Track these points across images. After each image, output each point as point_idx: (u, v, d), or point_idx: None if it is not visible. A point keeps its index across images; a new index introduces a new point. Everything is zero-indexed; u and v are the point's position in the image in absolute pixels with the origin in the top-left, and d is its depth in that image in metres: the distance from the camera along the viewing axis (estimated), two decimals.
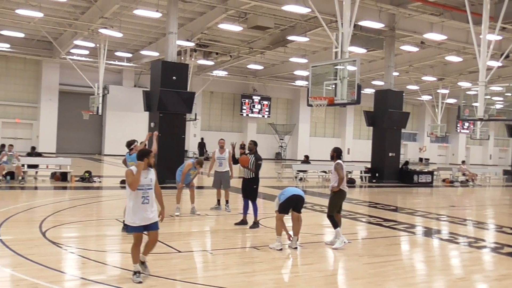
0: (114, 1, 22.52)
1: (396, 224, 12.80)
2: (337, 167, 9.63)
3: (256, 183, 11.32)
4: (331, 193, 9.84)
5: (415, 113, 55.03)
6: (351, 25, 15.06)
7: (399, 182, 25.91)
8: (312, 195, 18.89)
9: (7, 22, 28.18)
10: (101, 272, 7.47)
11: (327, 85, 14.74)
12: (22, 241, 8.97)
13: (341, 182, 9.60)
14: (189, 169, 12.40)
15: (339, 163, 9.69)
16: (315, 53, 33.82)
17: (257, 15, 23.93)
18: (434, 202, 20.28)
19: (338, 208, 9.90)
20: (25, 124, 38.18)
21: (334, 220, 9.61)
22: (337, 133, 51.73)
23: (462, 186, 26.89)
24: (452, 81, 39.46)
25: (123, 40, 31.94)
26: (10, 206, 12.93)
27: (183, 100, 20.72)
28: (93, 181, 19.47)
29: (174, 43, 20.76)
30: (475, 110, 18.35)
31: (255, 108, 46.21)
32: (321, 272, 8.06)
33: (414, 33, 26.14)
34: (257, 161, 11.17)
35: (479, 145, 59.84)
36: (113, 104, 39.46)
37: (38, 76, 38.13)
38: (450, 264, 9.44)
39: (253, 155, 11.27)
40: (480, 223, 14.41)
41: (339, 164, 9.67)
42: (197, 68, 38.17)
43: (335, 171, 9.65)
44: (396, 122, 26.36)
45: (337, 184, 9.62)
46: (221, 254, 8.86)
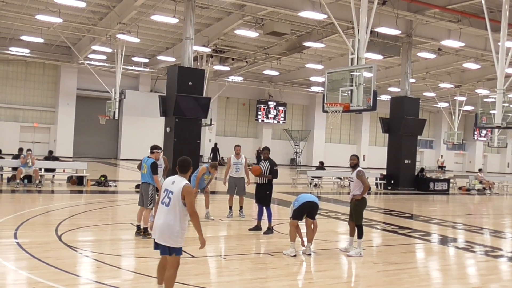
0: (132, 7, 22.73)
1: (412, 232, 12.70)
2: (360, 174, 9.54)
3: (269, 188, 11.30)
4: (353, 202, 9.68)
5: (431, 120, 54.60)
6: (368, 31, 15.02)
7: (415, 190, 25.72)
8: (327, 201, 18.83)
9: (27, 28, 28.58)
10: (115, 276, 7.52)
11: (343, 92, 14.71)
12: (38, 244, 9.06)
13: (366, 190, 9.53)
14: (203, 173, 12.41)
15: (361, 170, 9.62)
16: (331, 59, 33.77)
17: (274, 21, 23.99)
18: (450, 210, 20.09)
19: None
20: (43, 128, 38.58)
21: (362, 230, 9.56)
22: (352, 140, 51.51)
23: (479, 194, 26.59)
24: (470, 88, 39.11)
25: (140, 46, 32.20)
26: (27, 210, 13.08)
27: (199, 105, 20.82)
28: (108, 185, 19.59)
29: (191, 48, 20.87)
30: (493, 118, 18.18)
31: (271, 114, 46.22)
32: (335, 279, 8.02)
33: (431, 39, 26.00)
34: (272, 167, 11.15)
35: (497, 153, 59.15)
36: (129, 109, 39.75)
37: (56, 81, 38.54)
38: (466, 273, 9.34)
39: (267, 161, 11.26)
40: (497, 232, 14.23)
41: (362, 171, 9.59)
42: (213, 74, 38.33)
43: (358, 179, 9.55)
44: (412, 129, 26.19)
45: (362, 192, 9.53)
46: (235, 259, 8.86)
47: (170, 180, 6.03)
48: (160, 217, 5.92)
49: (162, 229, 5.84)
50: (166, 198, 5.90)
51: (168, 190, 5.92)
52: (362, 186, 9.50)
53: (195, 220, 5.92)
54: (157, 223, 5.91)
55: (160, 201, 6.00)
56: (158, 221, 5.91)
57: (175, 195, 5.83)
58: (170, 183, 5.99)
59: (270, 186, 11.32)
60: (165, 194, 5.93)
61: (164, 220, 5.84)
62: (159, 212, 5.97)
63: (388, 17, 22.53)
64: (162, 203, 5.94)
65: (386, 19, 22.58)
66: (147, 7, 23.56)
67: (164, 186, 6.03)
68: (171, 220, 5.82)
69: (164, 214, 5.87)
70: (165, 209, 5.88)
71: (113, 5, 24.34)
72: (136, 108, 39.84)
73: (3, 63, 36.59)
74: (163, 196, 5.96)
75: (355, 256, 9.30)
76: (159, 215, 5.96)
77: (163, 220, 5.85)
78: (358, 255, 9.33)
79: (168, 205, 5.86)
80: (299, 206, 9.22)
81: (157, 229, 5.89)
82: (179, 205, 5.82)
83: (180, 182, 5.89)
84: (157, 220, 5.94)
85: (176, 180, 5.95)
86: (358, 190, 9.57)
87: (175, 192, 5.84)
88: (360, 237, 9.49)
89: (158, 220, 5.93)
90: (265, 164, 11.23)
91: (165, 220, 5.84)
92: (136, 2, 22.00)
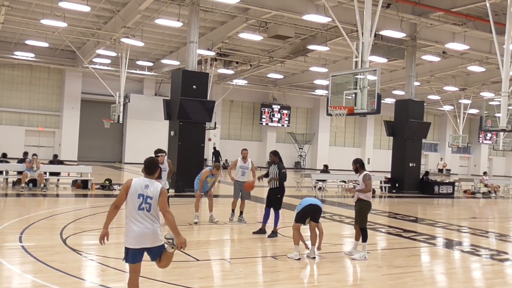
0: (136, 11, 22.80)
1: (416, 235, 12.66)
2: (366, 177, 9.48)
3: (280, 192, 11.25)
4: (357, 204, 9.62)
5: (436, 123, 54.51)
6: (372, 34, 15.02)
7: (420, 193, 25.66)
8: (331, 204, 18.80)
9: (32, 32, 28.71)
10: (120, 279, 7.51)
11: (347, 95, 14.71)
12: (43, 248, 9.08)
13: (365, 192, 9.48)
14: (206, 176, 12.40)
15: (368, 174, 9.57)
16: (335, 62, 33.78)
17: (278, 24, 24.03)
18: (455, 214, 20.03)
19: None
20: (48, 132, 38.72)
21: (366, 233, 9.54)
22: (357, 143, 51.46)
23: (484, 198, 26.49)
24: (475, 91, 39.03)
25: (144, 49, 32.30)
26: (32, 213, 13.11)
27: (203, 108, 20.85)
28: (113, 189, 19.61)
29: (195, 52, 20.91)
30: (498, 121, 18.12)
31: (275, 117, 46.24)
32: (340, 282, 8.00)
33: (436, 42, 25.99)
34: (280, 171, 11.13)
35: (502, 156, 58.99)
36: (133, 112, 39.86)
37: (61, 85, 38.69)
38: (471, 276, 9.30)
39: (276, 165, 11.23)
40: (503, 235, 14.18)
41: (369, 175, 9.54)
42: (217, 77, 38.39)
43: (364, 182, 9.47)
44: (416, 132, 26.15)
45: (362, 190, 9.45)
46: (239, 263, 8.86)
47: (141, 184, 5.68)
48: (144, 223, 5.60)
49: (155, 233, 5.65)
50: (144, 204, 5.61)
51: (144, 196, 5.62)
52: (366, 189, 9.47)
53: (169, 218, 5.69)
54: (145, 231, 5.59)
55: (135, 208, 5.63)
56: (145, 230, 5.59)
57: (154, 200, 5.63)
58: (142, 187, 5.65)
59: (281, 190, 11.25)
60: (142, 200, 5.62)
61: (151, 225, 5.63)
62: (139, 218, 5.61)
63: (392, 20, 22.52)
64: (140, 209, 5.61)
65: (391, 22, 22.56)
66: (151, 11, 23.63)
67: (136, 191, 5.63)
68: (156, 223, 5.68)
69: (149, 220, 5.62)
70: (147, 214, 5.63)
71: (117, 9, 24.42)
72: (140, 112, 39.94)
73: (8, 67, 36.78)
74: (138, 202, 5.62)
75: (359, 259, 9.28)
76: (140, 221, 5.60)
77: (150, 226, 5.63)
78: (362, 258, 9.30)
79: (150, 210, 5.63)
80: (302, 210, 9.22)
81: (149, 236, 5.63)
82: (157, 208, 5.68)
83: (156, 186, 5.70)
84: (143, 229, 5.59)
85: (148, 184, 5.69)
86: (362, 194, 9.54)
87: (154, 196, 5.63)
88: (365, 241, 9.46)
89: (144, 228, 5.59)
90: (274, 168, 11.20)
91: (151, 225, 5.63)
92: (140, 6, 22.08)
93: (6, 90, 37.22)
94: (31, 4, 24.16)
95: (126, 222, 5.66)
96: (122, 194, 5.68)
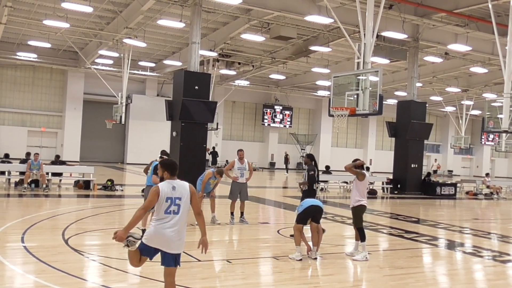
0: (139, 11, 22.82)
1: (418, 236, 12.66)
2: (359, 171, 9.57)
3: (309, 195, 11.05)
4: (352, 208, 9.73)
5: (438, 124, 54.45)
6: (374, 35, 14.99)
7: (422, 194, 25.63)
8: (333, 205, 18.80)
9: (35, 33, 28.76)
10: (122, 280, 7.54)
11: (349, 96, 14.68)
12: (45, 248, 9.10)
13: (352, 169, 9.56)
14: (209, 178, 12.41)
15: (362, 172, 9.61)
16: (337, 63, 33.77)
17: (280, 25, 24.04)
18: (457, 215, 20.01)
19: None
20: (50, 132, 38.78)
21: (364, 232, 9.54)
22: (359, 144, 51.43)
23: (486, 199, 26.46)
24: (477, 92, 38.97)
25: (146, 50, 32.33)
26: (34, 214, 13.13)
27: (205, 109, 20.85)
28: (115, 189, 19.64)
29: (197, 53, 20.92)
30: (500, 122, 18.09)
31: (277, 118, 46.25)
32: (341, 283, 8.01)
33: (438, 44, 25.95)
34: (308, 173, 11.08)
35: (504, 157, 58.89)
36: (136, 113, 39.89)
37: (64, 86, 38.74)
38: (473, 277, 9.30)
39: (307, 168, 11.18)
40: (505, 236, 14.16)
41: (361, 171, 9.59)
42: (220, 78, 38.40)
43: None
44: (418, 133, 26.13)
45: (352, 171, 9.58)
46: (241, 263, 8.87)
47: (167, 186, 5.55)
48: (174, 228, 5.46)
49: (181, 239, 5.53)
50: (173, 206, 5.47)
51: (173, 198, 5.48)
52: (360, 191, 9.50)
53: (202, 220, 5.74)
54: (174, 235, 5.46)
55: (163, 211, 5.48)
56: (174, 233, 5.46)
57: (185, 200, 5.52)
58: (169, 190, 5.52)
59: (311, 193, 11.12)
60: (170, 203, 5.47)
61: (179, 230, 5.50)
62: (169, 223, 5.46)
63: (394, 21, 22.50)
64: (167, 213, 5.47)
65: (393, 23, 22.54)
66: (153, 12, 23.66)
67: (164, 195, 5.47)
68: (183, 227, 5.55)
69: (178, 224, 5.49)
70: (176, 217, 5.48)
71: (119, 10, 24.46)
72: (142, 113, 39.97)
73: (11, 68, 36.85)
74: (166, 205, 5.47)
75: (361, 260, 9.28)
76: (170, 226, 5.46)
77: (179, 230, 5.49)
78: (364, 258, 9.30)
79: (178, 213, 5.49)
80: (303, 211, 9.22)
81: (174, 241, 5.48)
82: (186, 210, 5.56)
83: (183, 185, 5.62)
84: (173, 232, 5.46)
85: (175, 185, 5.57)
86: (357, 196, 9.56)
87: (184, 197, 5.52)
88: (363, 240, 9.46)
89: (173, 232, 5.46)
90: (305, 171, 11.22)
91: (180, 229, 5.50)
92: (142, 7, 22.10)
93: (8, 91, 37.28)
94: (33, 5, 24.20)
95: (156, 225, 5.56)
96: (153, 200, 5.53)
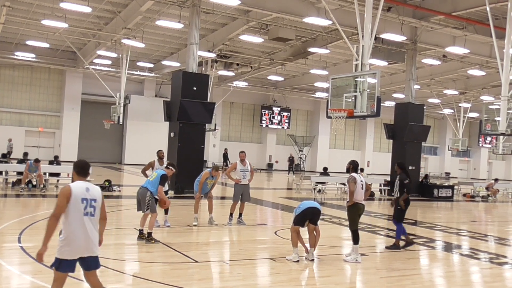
0: (137, 12, 22.85)
1: (415, 238, 12.65)
2: (348, 179, 9.55)
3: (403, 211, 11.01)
4: (347, 208, 9.73)
5: (436, 126, 54.53)
6: (372, 37, 15.03)
7: (419, 196, 25.64)
8: (330, 207, 18.82)
9: (33, 33, 28.75)
10: (119, 280, 7.53)
11: (347, 97, 14.71)
12: None
13: (350, 196, 9.51)
14: (206, 178, 12.40)
15: (351, 176, 9.60)
16: (336, 65, 33.82)
17: (279, 26, 24.07)
18: (454, 217, 20.04)
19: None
20: (48, 132, 38.73)
21: (357, 235, 9.53)
22: (357, 146, 51.48)
23: (483, 201, 26.50)
24: (475, 95, 39.07)
25: (145, 51, 32.33)
26: (31, 214, 13.11)
27: (203, 110, 20.87)
28: (112, 190, 19.62)
29: (196, 53, 20.93)
30: (498, 125, 18.12)
31: (275, 119, 46.27)
32: (338, 284, 8.01)
33: (436, 46, 26.01)
34: (401, 182, 10.97)
35: (502, 160, 59.00)
36: (134, 113, 39.88)
37: (62, 86, 38.72)
38: (470, 279, 9.31)
39: (398, 176, 11.06)
40: (502, 239, 14.18)
41: (351, 177, 9.56)
42: (218, 79, 38.43)
43: (347, 184, 9.60)
44: (416, 135, 26.15)
45: (349, 198, 9.57)
46: (238, 264, 8.87)
47: (81, 187, 5.26)
48: (90, 229, 5.23)
49: (95, 240, 5.30)
50: (89, 207, 5.22)
51: (88, 199, 5.22)
52: (356, 191, 9.52)
53: (104, 225, 5.54)
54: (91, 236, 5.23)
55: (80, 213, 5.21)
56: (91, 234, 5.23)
57: (99, 202, 5.31)
58: (83, 191, 5.24)
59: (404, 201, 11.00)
60: (86, 203, 5.20)
61: (95, 231, 5.30)
62: (85, 225, 5.21)
63: (393, 24, 22.55)
64: (85, 215, 5.20)
65: (391, 25, 22.60)
66: (152, 12, 23.67)
67: (77, 196, 5.18)
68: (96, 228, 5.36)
69: (93, 225, 5.26)
70: (92, 219, 5.25)
71: (118, 11, 24.46)
72: (140, 113, 39.97)
73: (9, 68, 36.81)
74: (82, 206, 5.18)
75: (351, 262, 9.26)
76: (86, 228, 5.21)
77: (95, 232, 5.29)
78: (353, 261, 9.27)
79: (94, 215, 5.26)
80: (301, 213, 9.21)
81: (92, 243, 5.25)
82: (99, 212, 5.36)
83: (96, 188, 5.40)
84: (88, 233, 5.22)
85: (88, 187, 5.31)
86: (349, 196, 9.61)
87: (98, 198, 5.31)
88: (355, 243, 9.44)
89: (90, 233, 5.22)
90: (397, 179, 11.06)
91: (96, 231, 5.32)
92: (141, 7, 22.12)
93: (6, 91, 37.25)
94: (32, 5, 24.19)
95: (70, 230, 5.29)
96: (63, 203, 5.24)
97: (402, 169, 11.22)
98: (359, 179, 9.58)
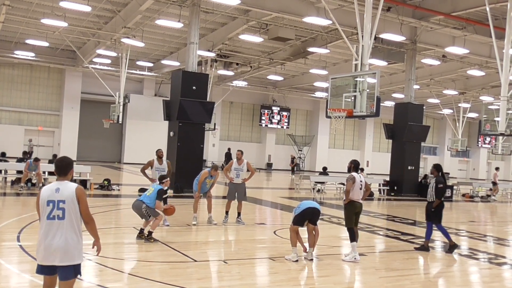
0: (137, 11, 22.84)
1: (414, 238, 12.68)
2: (347, 178, 9.60)
3: (437, 214, 11.05)
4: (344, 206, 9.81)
5: (435, 126, 54.55)
6: (372, 37, 15.04)
7: (418, 196, 25.63)
8: (330, 207, 18.82)
9: (32, 32, 28.73)
10: (118, 279, 7.53)
11: (346, 97, 14.73)
12: None
13: (346, 194, 9.57)
14: (205, 177, 12.41)
15: (350, 175, 9.63)
16: (335, 65, 33.82)
17: (278, 26, 24.07)
18: (453, 217, 20.02)
19: (355, 221, 9.81)
20: (47, 131, 38.72)
21: (353, 233, 9.54)
22: (356, 146, 51.49)
23: (482, 202, 26.51)
24: (474, 95, 39.08)
25: (144, 50, 32.32)
26: (30, 213, 13.10)
27: (202, 109, 20.88)
28: (112, 189, 19.62)
29: (195, 53, 20.94)
30: (497, 125, 18.14)
31: (274, 118, 46.28)
32: (337, 284, 8.01)
33: (436, 46, 26.02)
34: (437, 185, 10.95)
35: (501, 160, 59.00)
36: (133, 113, 39.88)
37: (61, 85, 38.70)
38: (469, 280, 9.32)
39: (434, 179, 11.03)
40: (501, 239, 14.19)
41: (350, 176, 9.60)
42: (217, 78, 38.42)
43: (346, 182, 9.65)
44: (416, 135, 26.17)
45: (345, 196, 9.64)
46: (237, 264, 8.86)
47: (50, 189, 4.90)
48: (56, 235, 4.79)
49: (66, 248, 4.80)
50: (57, 210, 4.79)
51: (56, 201, 4.81)
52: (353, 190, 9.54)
53: (92, 226, 5.09)
54: (55, 243, 4.77)
55: (46, 217, 4.84)
56: (56, 241, 4.77)
57: (69, 203, 4.82)
58: (52, 192, 4.85)
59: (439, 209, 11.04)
60: (53, 207, 4.81)
61: (65, 237, 4.80)
62: (50, 230, 4.80)
63: (392, 24, 22.55)
64: (50, 219, 4.81)
65: (391, 25, 22.60)
66: (152, 12, 23.66)
67: (45, 199, 4.87)
68: (72, 234, 4.87)
69: (62, 230, 4.81)
70: (61, 223, 4.81)
71: (118, 10, 24.45)
72: (140, 112, 39.97)
73: (8, 66, 36.79)
74: (48, 210, 4.82)
75: (349, 260, 9.26)
76: (52, 233, 4.80)
77: (64, 238, 4.80)
78: (352, 259, 9.28)
79: (64, 218, 4.81)
80: (301, 213, 9.22)
81: (59, 251, 4.78)
82: (75, 214, 4.88)
83: (68, 187, 4.87)
84: (53, 240, 4.78)
85: (60, 187, 4.86)
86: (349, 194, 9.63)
87: (67, 199, 4.82)
88: (352, 241, 9.46)
89: (54, 240, 4.77)
90: (432, 182, 11.05)
91: (66, 236, 4.82)
92: (141, 6, 22.11)
93: (6, 89, 37.23)
94: (31, 4, 24.17)
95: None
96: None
97: (439, 172, 11.10)
98: (359, 178, 9.60)
